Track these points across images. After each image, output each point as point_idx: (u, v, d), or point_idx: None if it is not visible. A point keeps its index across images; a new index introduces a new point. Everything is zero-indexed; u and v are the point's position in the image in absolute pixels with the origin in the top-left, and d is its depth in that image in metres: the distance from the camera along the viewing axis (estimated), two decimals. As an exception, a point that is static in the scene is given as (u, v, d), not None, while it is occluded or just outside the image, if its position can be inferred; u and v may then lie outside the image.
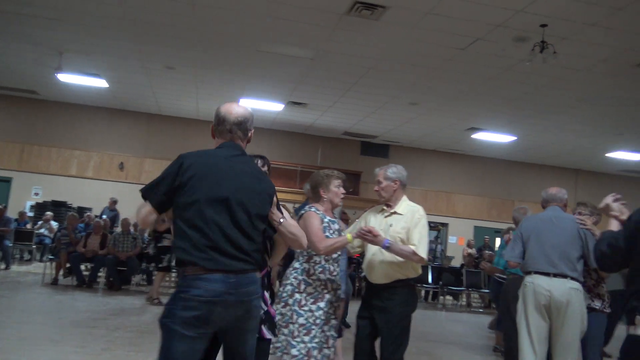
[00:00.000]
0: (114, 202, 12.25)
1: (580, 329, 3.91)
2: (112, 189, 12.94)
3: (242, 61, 8.92)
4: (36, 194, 13.04)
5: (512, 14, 6.32)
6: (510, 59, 7.70)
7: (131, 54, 9.02)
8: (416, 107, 10.81)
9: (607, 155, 13.37)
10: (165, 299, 7.63)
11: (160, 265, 8.03)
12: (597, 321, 4.18)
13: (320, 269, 3.45)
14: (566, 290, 3.93)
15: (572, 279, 3.95)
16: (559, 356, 3.97)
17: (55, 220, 11.64)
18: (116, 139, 13.64)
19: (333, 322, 3.50)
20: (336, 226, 3.60)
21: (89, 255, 8.90)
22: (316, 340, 3.37)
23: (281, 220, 2.51)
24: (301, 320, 3.29)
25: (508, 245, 4.66)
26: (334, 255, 3.45)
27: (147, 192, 2.34)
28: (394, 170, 3.60)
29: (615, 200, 2.64)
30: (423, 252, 3.36)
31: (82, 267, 9.07)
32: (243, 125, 2.59)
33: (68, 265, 9.15)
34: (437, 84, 9.17)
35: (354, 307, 4.70)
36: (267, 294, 2.76)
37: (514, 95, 9.41)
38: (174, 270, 8.63)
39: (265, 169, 2.95)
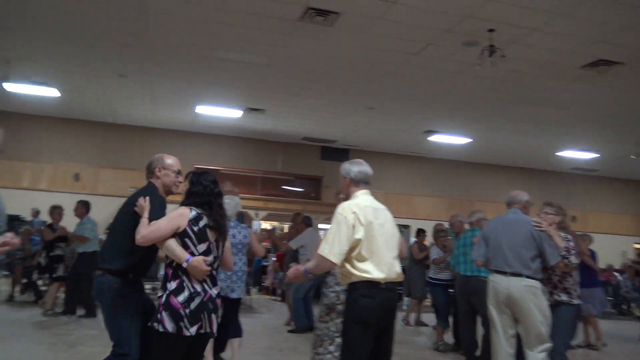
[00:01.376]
0: (36, 212, 11.87)
1: (541, 321, 4.13)
2: (67, 201, 12.53)
3: (196, 68, 8.85)
4: (-14, 208, 12.57)
5: (460, 19, 6.48)
6: (460, 63, 7.89)
7: (82, 62, 8.82)
8: (373, 111, 10.94)
9: (558, 154, 13.82)
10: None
11: (54, 275, 7.67)
12: (564, 313, 4.47)
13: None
14: (521, 288, 4.18)
15: (527, 277, 4.18)
16: (526, 346, 4.25)
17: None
18: (70, 150, 13.31)
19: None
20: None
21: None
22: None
23: (144, 216, 3.06)
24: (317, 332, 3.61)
25: (475, 246, 4.89)
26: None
27: None
28: (344, 167, 3.37)
29: None
30: (325, 252, 3.05)
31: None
32: (149, 167, 3.55)
33: (25, 280, 8.88)
34: (392, 88, 9.31)
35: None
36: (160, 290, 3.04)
37: (467, 98, 9.63)
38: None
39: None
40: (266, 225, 14.32)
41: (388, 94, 9.66)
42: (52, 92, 10.77)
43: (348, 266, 3.11)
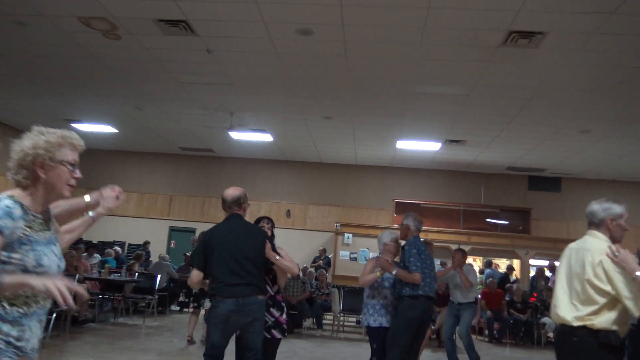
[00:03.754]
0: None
1: None
2: (281, 235, 13.64)
3: (396, 105, 9.01)
4: (216, 243, 14.30)
5: (700, 21, 5.54)
6: (702, 71, 6.73)
7: (292, 108, 9.63)
8: (588, 135, 9.88)
9: None
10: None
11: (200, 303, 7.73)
12: None
13: None
14: None
15: None
16: None
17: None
18: (282, 188, 14.52)
19: None
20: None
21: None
22: None
23: (277, 258, 3.95)
24: None
25: None
26: None
27: (192, 261, 3.94)
28: None
29: None
30: None
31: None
32: (237, 202, 3.91)
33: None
34: (610, 108, 8.31)
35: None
36: (272, 309, 4.10)
37: None
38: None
39: (269, 225, 4.28)
40: (471, 260, 13.74)
41: (607, 114, 8.65)
42: (267, 138, 11.95)
43: None
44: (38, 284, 1.73)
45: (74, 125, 12.07)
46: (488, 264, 12.81)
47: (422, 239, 5.05)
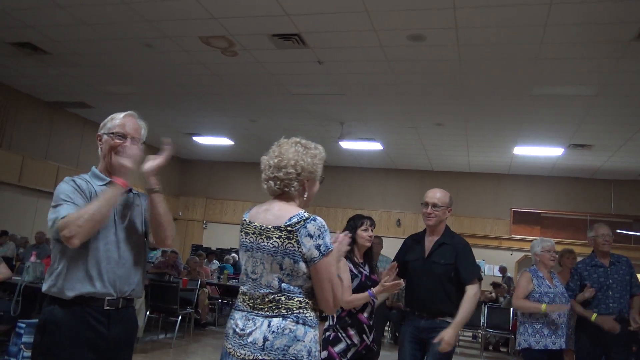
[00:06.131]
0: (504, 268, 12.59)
1: None
2: (390, 245, 13.49)
3: (513, 109, 8.55)
4: (327, 251, 14.47)
5: None
6: None
7: (402, 115, 9.49)
8: None
9: None
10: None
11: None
12: None
13: None
14: None
15: None
16: None
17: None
18: (392, 197, 14.36)
19: None
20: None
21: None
22: None
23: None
24: None
25: None
26: None
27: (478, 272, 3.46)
28: None
29: None
30: None
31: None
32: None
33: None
34: None
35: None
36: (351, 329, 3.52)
37: None
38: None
39: (372, 236, 3.64)
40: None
41: None
42: (377, 146, 11.89)
43: None
44: None
45: (195, 138, 12.84)
46: None
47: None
